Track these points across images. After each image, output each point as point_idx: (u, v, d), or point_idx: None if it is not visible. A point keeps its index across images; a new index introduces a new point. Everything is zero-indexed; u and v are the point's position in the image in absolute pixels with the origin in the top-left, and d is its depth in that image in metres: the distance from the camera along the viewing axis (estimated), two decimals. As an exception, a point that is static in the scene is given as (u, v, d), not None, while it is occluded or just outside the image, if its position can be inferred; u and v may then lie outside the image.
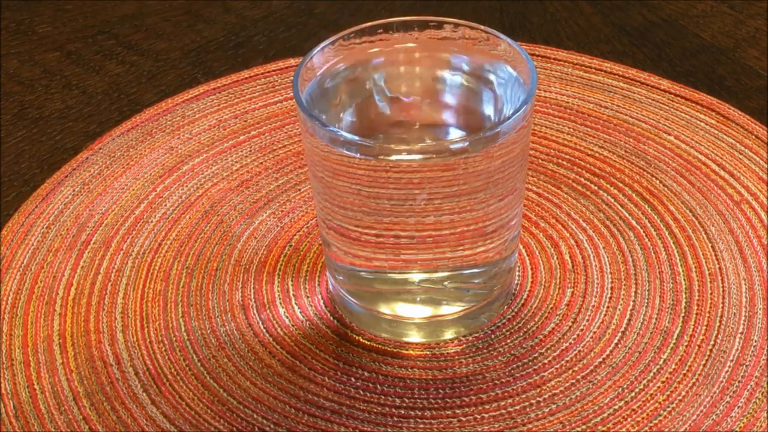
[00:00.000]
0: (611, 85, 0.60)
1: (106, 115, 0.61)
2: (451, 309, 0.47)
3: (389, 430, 0.44)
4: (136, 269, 0.51)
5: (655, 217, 0.52)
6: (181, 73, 0.64)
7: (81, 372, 0.47)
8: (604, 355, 0.46)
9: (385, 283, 0.46)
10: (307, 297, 0.49)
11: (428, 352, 0.47)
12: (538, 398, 0.45)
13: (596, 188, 0.54)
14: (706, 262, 0.50)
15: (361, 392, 0.45)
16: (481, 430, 0.44)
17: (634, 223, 0.52)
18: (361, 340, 0.47)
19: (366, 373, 0.46)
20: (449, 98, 0.48)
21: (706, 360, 0.46)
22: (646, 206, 0.53)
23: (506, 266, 0.47)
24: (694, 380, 0.45)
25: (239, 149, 0.57)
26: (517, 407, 0.45)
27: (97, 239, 0.53)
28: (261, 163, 0.56)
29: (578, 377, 0.46)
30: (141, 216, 0.54)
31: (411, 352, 0.47)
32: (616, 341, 0.47)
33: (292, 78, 0.54)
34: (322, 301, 0.49)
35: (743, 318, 0.48)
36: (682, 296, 0.49)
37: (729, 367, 0.46)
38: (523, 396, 0.45)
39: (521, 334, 0.47)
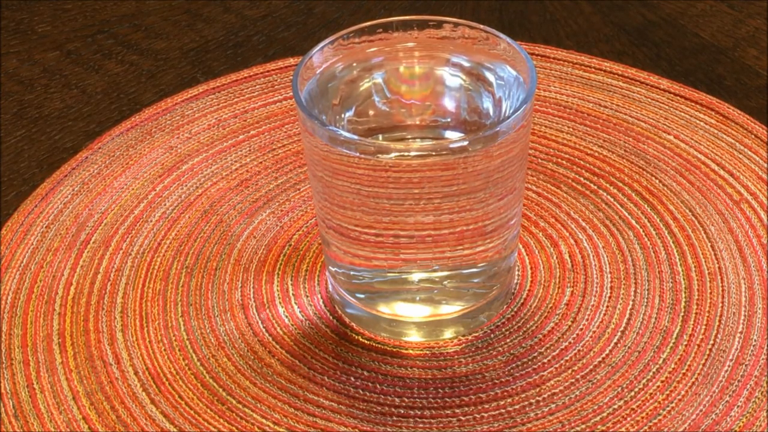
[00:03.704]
0: (610, 84, 0.60)
1: (105, 115, 0.61)
2: (450, 308, 0.47)
3: (388, 429, 0.44)
4: (135, 269, 0.51)
5: (655, 216, 0.52)
6: (180, 72, 0.64)
7: (80, 371, 0.47)
8: (603, 355, 0.46)
9: (384, 283, 0.46)
10: (307, 296, 0.49)
11: (427, 352, 0.47)
12: (537, 398, 0.45)
13: (596, 187, 0.54)
14: (705, 262, 0.50)
15: (361, 392, 0.45)
16: (480, 429, 0.44)
17: (633, 222, 0.52)
18: (361, 339, 0.47)
19: (365, 373, 0.46)
20: (448, 98, 0.48)
21: (706, 359, 0.46)
22: (646, 205, 0.53)
23: (505, 266, 0.47)
24: (693, 380, 0.45)
25: (239, 149, 0.57)
26: (517, 407, 0.45)
27: (97, 239, 0.53)
28: (260, 162, 0.56)
29: (577, 377, 0.46)
30: (140, 215, 0.54)
31: (410, 351, 0.47)
32: (615, 341, 0.47)
33: (291, 77, 0.54)
34: (321, 300, 0.49)
35: (742, 317, 0.47)
36: (682, 296, 0.49)
37: (728, 366, 0.46)
38: (523, 395, 0.45)
39: (520, 333, 0.47)
